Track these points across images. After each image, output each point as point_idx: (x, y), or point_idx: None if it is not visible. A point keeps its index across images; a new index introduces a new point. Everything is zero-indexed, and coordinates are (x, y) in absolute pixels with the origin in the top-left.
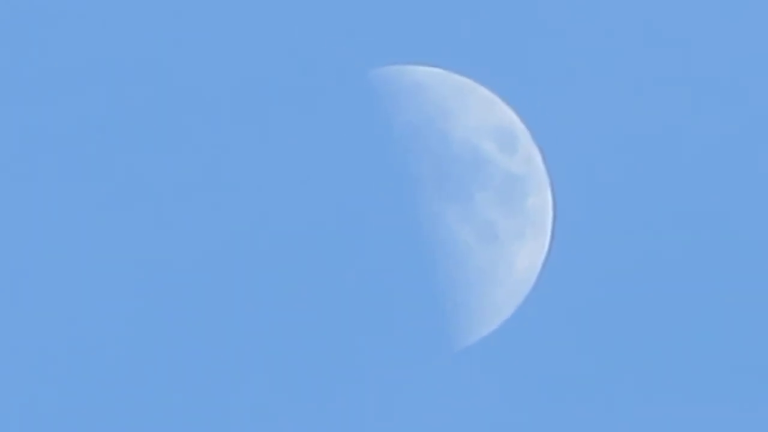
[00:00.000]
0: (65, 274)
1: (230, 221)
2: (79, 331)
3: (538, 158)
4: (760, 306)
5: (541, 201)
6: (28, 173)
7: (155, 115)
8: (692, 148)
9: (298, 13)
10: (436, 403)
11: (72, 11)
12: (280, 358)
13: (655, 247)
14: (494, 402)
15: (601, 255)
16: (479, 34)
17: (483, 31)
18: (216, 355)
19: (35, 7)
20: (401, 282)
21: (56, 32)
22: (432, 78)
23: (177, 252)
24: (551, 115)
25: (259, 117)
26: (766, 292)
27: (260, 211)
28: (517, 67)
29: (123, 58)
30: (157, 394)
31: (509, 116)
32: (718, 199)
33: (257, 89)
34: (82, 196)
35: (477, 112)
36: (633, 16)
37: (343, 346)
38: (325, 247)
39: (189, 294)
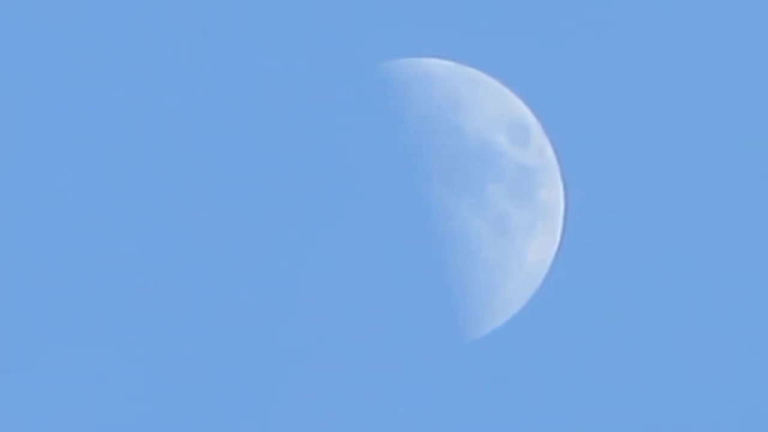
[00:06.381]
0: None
1: (236, 218)
2: None
3: (550, 151)
4: None
5: (553, 194)
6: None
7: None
8: (705, 142)
9: (308, 5)
10: (446, 394)
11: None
12: (286, 352)
13: (667, 241)
14: (503, 395)
15: (612, 249)
16: (491, 26)
17: (494, 23)
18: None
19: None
20: (412, 274)
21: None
22: (443, 70)
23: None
24: (563, 108)
25: (268, 111)
26: None
27: (266, 207)
28: (528, 60)
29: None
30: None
31: (521, 109)
32: (731, 194)
33: (267, 82)
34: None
35: (488, 105)
36: (648, 9)
37: (353, 339)
38: (335, 240)
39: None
